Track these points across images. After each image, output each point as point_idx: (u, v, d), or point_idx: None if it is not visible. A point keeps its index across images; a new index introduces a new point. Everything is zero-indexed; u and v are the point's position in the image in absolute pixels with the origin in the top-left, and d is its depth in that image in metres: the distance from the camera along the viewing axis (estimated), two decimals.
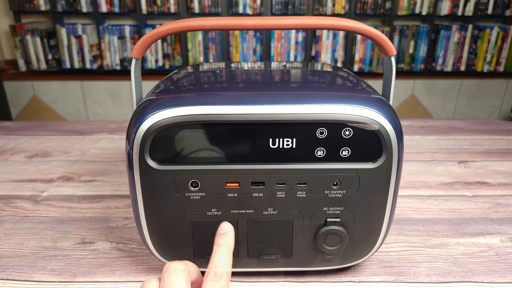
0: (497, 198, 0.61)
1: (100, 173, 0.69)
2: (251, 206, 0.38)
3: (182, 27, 0.36)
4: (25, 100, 2.41)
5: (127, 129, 0.36)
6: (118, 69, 2.35)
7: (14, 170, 0.70)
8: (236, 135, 0.35)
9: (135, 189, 0.37)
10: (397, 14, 2.23)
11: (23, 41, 2.23)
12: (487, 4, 2.24)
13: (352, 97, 0.36)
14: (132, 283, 0.43)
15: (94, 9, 2.20)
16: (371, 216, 0.39)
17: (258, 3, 2.19)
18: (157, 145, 0.35)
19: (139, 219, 0.39)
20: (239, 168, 0.36)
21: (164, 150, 0.36)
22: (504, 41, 2.30)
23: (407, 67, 2.37)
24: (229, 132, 0.35)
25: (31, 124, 0.94)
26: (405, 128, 0.92)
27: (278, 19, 0.36)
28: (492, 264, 0.46)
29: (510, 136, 0.87)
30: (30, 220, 0.54)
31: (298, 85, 0.43)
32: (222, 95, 0.36)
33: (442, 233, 0.52)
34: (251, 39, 2.29)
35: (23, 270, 0.45)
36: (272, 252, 0.41)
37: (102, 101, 2.42)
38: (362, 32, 0.36)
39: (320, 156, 0.36)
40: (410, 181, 0.66)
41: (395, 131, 0.36)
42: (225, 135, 0.35)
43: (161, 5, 2.19)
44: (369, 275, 0.44)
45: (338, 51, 2.32)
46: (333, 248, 0.40)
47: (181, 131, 0.35)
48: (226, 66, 0.51)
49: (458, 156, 0.76)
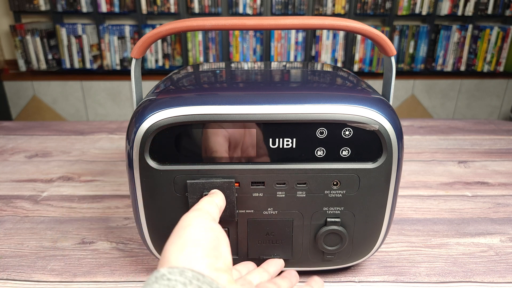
0: (497, 198, 0.61)
1: (100, 173, 0.69)
2: (251, 206, 0.38)
3: (182, 27, 0.36)
4: (25, 100, 2.41)
5: (127, 129, 0.36)
6: (118, 69, 2.35)
7: (14, 170, 0.70)
8: (235, 135, 0.35)
9: (135, 189, 0.37)
10: (397, 14, 2.24)
11: (23, 41, 2.23)
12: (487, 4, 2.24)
13: (352, 97, 0.36)
14: (132, 283, 0.43)
15: (94, 9, 2.20)
16: (371, 216, 0.39)
17: (258, 3, 2.19)
18: (157, 145, 0.35)
19: (139, 219, 0.39)
20: (239, 168, 0.36)
21: (164, 150, 0.36)
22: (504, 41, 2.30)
23: (407, 67, 2.37)
24: (228, 132, 0.35)
25: (31, 124, 0.94)
26: (405, 128, 0.92)
27: (278, 19, 0.36)
28: (492, 264, 0.46)
29: (510, 136, 0.87)
30: (30, 220, 0.54)
31: (298, 85, 0.43)
32: (222, 95, 0.36)
33: (442, 233, 0.52)
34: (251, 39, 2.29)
35: (23, 270, 0.45)
36: (272, 252, 0.41)
37: (102, 101, 2.42)
38: (362, 32, 0.36)
39: (320, 156, 0.36)
40: (410, 181, 0.66)
41: (395, 131, 0.36)
42: (225, 135, 0.35)
43: (161, 5, 2.19)
44: (369, 275, 0.44)
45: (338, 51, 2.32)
46: (333, 248, 0.40)
47: (181, 131, 0.35)
48: (226, 66, 0.51)
49: (458, 156, 0.76)
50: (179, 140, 0.35)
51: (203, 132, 0.35)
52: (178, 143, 0.35)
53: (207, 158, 0.36)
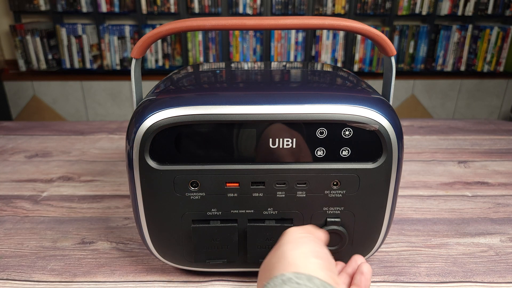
0: (497, 198, 0.61)
1: (100, 173, 0.69)
2: (251, 206, 0.38)
3: (182, 27, 0.36)
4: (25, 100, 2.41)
5: (127, 129, 0.36)
6: (118, 69, 2.35)
7: (14, 170, 0.70)
8: (236, 135, 0.35)
9: (135, 189, 0.37)
10: (397, 14, 2.23)
11: (23, 41, 2.23)
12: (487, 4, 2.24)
13: (352, 97, 0.36)
14: (132, 283, 0.43)
15: (94, 9, 2.20)
16: (371, 216, 0.39)
17: (258, 3, 2.19)
18: (157, 145, 0.35)
19: (139, 219, 0.39)
20: (239, 168, 0.36)
21: (164, 150, 0.36)
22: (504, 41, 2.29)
23: (407, 67, 2.37)
24: (229, 132, 0.35)
25: (31, 124, 0.94)
26: (405, 128, 0.92)
27: (278, 19, 0.36)
28: (492, 264, 0.46)
29: (510, 136, 0.87)
30: (30, 220, 0.54)
31: (298, 85, 0.43)
32: (222, 95, 0.36)
33: (442, 233, 0.52)
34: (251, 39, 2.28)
35: (23, 270, 0.45)
36: None
37: (102, 101, 2.42)
38: (362, 32, 0.36)
39: (320, 156, 0.36)
40: (410, 181, 0.66)
41: (395, 131, 0.36)
42: (225, 135, 0.35)
43: (161, 5, 2.19)
44: None
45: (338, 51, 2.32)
46: (333, 248, 0.40)
47: (181, 131, 0.35)
48: (226, 66, 0.51)
49: (458, 156, 0.76)
50: (179, 140, 0.35)
51: (203, 132, 0.35)
52: (178, 143, 0.35)
53: (207, 158, 0.36)
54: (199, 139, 0.35)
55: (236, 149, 0.36)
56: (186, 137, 0.35)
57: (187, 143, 0.36)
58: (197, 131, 0.35)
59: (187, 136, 0.35)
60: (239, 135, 0.35)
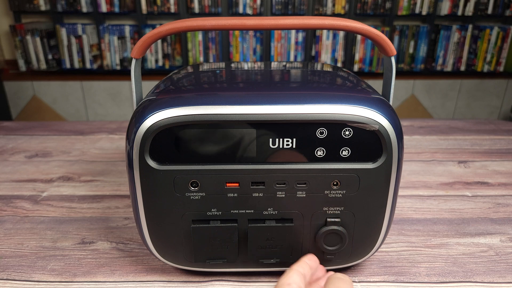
0: (497, 198, 0.61)
1: (100, 173, 0.69)
2: (251, 206, 0.38)
3: (182, 27, 0.36)
4: (25, 100, 2.41)
5: (127, 129, 0.36)
6: (118, 69, 2.35)
7: (14, 170, 0.70)
8: (236, 135, 0.35)
9: (135, 189, 0.37)
10: (397, 14, 2.23)
11: (23, 41, 2.23)
12: (487, 4, 2.24)
13: (352, 97, 0.36)
14: (132, 283, 0.43)
15: (94, 9, 2.20)
16: (371, 216, 0.39)
17: (258, 3, 2.19)
18: (157, 145, 0.35)
19: (139, 219, 0.39)
20: (239, 168, 0.36)
21: (164, 150, 0.36)
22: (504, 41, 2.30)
23: (407, 67, 2.37)
24: (229, 132, 0.35)
25: (31, 124, 0.94)
26: (405, 128, 0.92)
27: (278, 19, 0.36)
28: (492, 264, 0.46)
29: (510, 136, 0.87)
30: (30, 220, 0.54)
31: (298, 85, 0.43)
32: (222, 95, 0.36)
33: (442, 233, 0.52)
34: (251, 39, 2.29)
35: (23, 270, 0.45)
36: (271, 256, 0.40)
37: (102, 101, 2.42)
38: (362, 32, 0.36)
39: (320, 156, 0.36)
40: (410, 181, 0.66)
41: (395, 131, 0.36)
42: (225, 135, 0.35)
43: (161, 5, 2.19)
44: (369, 275, 0.44)
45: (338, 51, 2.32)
46: (333, 248, 0.40)
47: (181, 131, 0.35)
48: (226, 66, 0.51)
49: (458, 156, 0.76)
50: (179, 140, 0.35)
51: (203, 132, 0.35)
52: (178, 143, 0.35)
53: (207, 158, 0.36)
54: (199, 139, 0.35)
55: (236, 149, 0.36)
56: (186, 137, 0.35)
57: (187, 143, 0.36)
58: (197, 131, 0.35)
59: (187, 136, 0.35)
60: (239, 135, 0.35)
